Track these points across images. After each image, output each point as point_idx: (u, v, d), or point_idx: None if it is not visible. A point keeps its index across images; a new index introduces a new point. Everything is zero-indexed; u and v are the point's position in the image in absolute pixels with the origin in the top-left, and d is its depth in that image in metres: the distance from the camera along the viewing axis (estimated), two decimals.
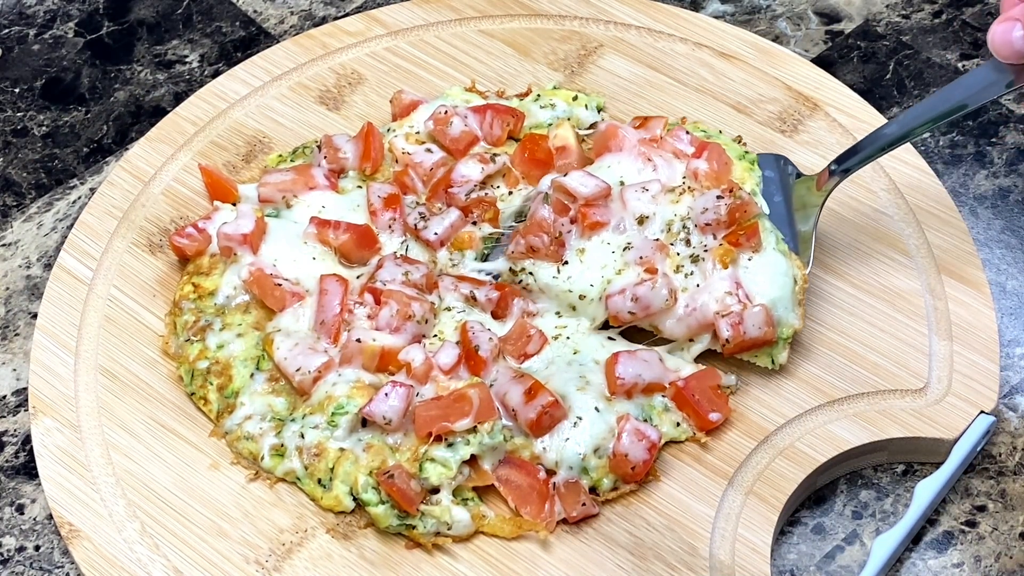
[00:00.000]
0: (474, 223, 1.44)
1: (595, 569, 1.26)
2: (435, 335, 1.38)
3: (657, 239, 1.37)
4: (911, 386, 1.35)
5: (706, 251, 1.36)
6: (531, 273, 1.39)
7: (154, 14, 1.76)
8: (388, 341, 1.34)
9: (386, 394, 1.30)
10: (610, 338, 1.37)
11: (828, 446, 1.32)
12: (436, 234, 1.43)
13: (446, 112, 1.50)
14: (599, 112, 1.55)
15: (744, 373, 1.37)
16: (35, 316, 1.49)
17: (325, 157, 1.49)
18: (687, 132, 1.44)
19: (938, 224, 1.46)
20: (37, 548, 1.35)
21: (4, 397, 1.44)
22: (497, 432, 1.29)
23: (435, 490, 1.28)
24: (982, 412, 1.33)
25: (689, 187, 1.40)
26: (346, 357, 1.34)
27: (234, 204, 1.48)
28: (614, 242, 1.38)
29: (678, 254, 1.37)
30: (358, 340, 1.34)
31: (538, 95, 1.55)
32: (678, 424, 1.33)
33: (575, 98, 1.54)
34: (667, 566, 1.26)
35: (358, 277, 1.41)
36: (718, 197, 1.37)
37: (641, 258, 1.36)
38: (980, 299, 1.40)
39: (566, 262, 1.39)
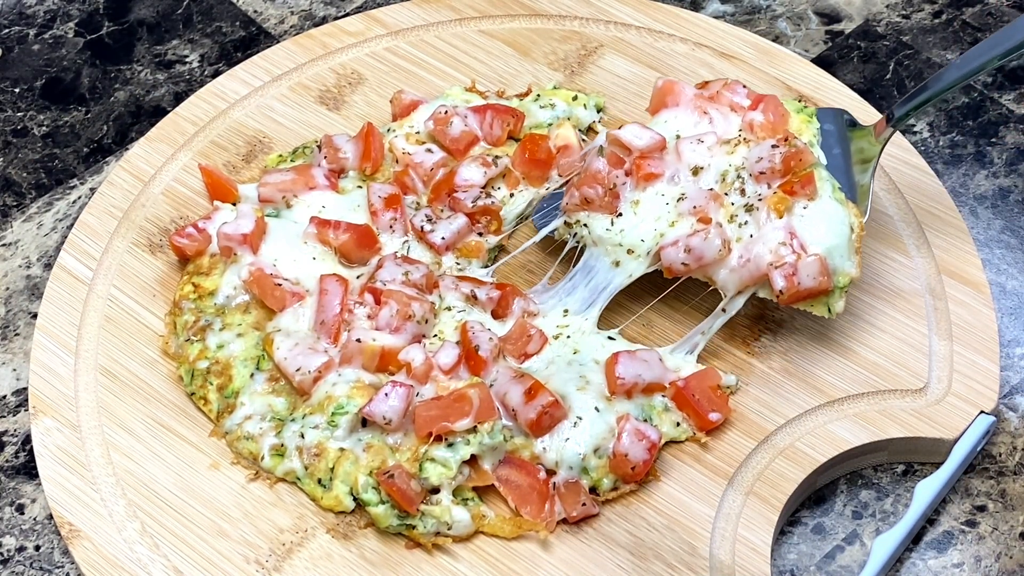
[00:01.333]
0: (480, 234, 1.44)
1: (595, 569, 1.26)
2: (435, 335, 1.37)
3: (711, 189, 1.36)
4: (911, 386, 1.35)
5: (760, 200, 1.35)
6: (585, 225, 1.39)
7: (154, 14, 1.76)
8: (388, 341, 1.34)
9: (386, 394, 1.30)
10: (610, 338, 1.37)
11: (828, 446, 1.31)
12: (443, 238, 1.43)
13: (446, 112, 1.50)
14: (599, 112, 1.55)
15: (744, 373, 1.37)
16: (35, 316, 1.49)
17: (325, 157, 1.49)
18: (743, 86, 1.43)
19: (938, 224, 1.46)
20: (37, 548, 1.35)
21: (4, 397, 1.44)
22: (497, 432, 1.29)
23: (435, 490, 1.28)
24: (982, 412, 1.33)
25: (745, 139, 1.39)
26: (346, 357, 1.34)
27: (234, 204, 1.48)
28: (668, 193, 1.38)
29: (732, 204, 1.36)
30: (358, 340, 1.34)
31: (538, 95, 1.55)
32: (678, 424, 1.33)
33: (575, 98, 1.54)
34: (667, 566, 1.26)
35: (358, 277, 1.41)
36: (773, 146, 1.36)
37: (695, 208, 1.35)
38: (980, 299, 1.40)
39: (620, 214, 1.39)
